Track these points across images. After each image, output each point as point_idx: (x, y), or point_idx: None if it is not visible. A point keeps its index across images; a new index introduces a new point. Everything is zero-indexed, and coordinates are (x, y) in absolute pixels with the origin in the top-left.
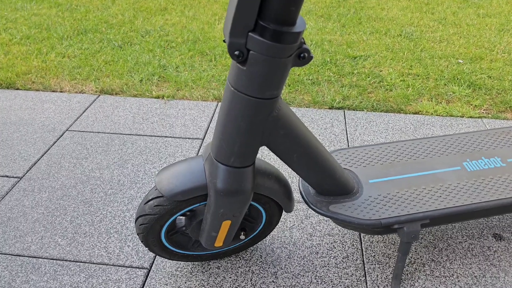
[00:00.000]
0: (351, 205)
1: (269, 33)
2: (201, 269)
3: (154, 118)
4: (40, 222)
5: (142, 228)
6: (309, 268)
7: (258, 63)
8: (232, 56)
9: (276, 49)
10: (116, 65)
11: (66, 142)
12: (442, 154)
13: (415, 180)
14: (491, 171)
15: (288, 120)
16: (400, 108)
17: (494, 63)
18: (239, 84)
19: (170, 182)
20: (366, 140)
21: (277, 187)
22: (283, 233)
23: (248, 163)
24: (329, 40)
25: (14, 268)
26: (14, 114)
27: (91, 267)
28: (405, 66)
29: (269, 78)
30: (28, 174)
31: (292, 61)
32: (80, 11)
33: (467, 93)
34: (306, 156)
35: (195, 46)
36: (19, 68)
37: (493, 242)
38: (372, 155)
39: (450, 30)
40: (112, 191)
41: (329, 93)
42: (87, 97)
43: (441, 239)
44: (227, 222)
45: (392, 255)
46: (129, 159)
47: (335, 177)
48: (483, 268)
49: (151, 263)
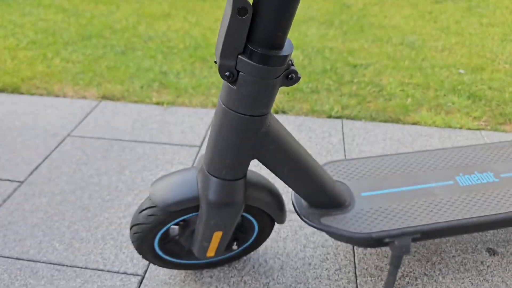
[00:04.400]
0: (343, 218)
1: (257, 56)
2: (194, 278)
3: (153, 125)
4: (39, 226)
5: (136, 236)
6: (302, 280)
7: (247, 83)
8: (223, 76)
9: (264, 71)
10: (118, 71)
11: (67, 147)
12: (436, 168)
13: (408, 194)
14: (483, 186)
15: (278, 135)
16: (399, 118)
17: (496, 73)
18: (230, 102)
19: (163, 193)
20: (363, 151)
21: (269, 199)
22: (276, 243)
23: (239, 175)
24: (330, 48)
25: (13, 272)
26: (18, 119)
27: (87, 272)
28: (405, 75)
29: (258, 98)
30: (29, 179)
31: (280, 82)
32: (86, 16)
33: (466, 104)
34: (296, 170)
35: (196, 52)
36: (24, 73)
37: (486, 256)
38: (365, 168)
39: (453, 39)
40: (110, 197)
41: (328, 102)
42: (89, 103)
43: (434, 253)
44: (219, 233)
45: (385, 268)
46: (127, 166)
47: (325, 190)
48: (475, 283)
49: (145, 270)
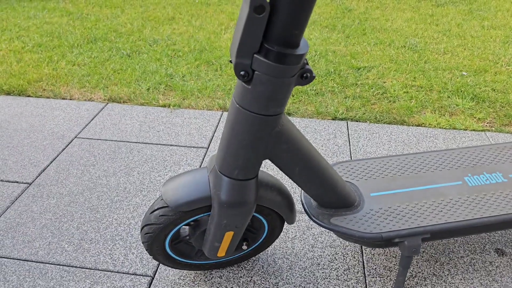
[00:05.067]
0: (352, 218)
1: (273, 55)
2: (203, 278)
3: (160, 127)
4: (48, 227)
5: (147, 237)
6: (310, 280)
7: (262, 83)
8: (238, 76)
9: (279, 70)
10: (124, 73)
11: (74, 149)
12: (444, 168)
13: (417, 194)
14: (492, 186)
15: (291, 135)
16: (403, 120)
17: (499, 75)
18: (244, 101)
19: (175, 193)
20: (368, 152)
21: (280, 199)
22: (285, 243)
23: (251, 175)
24: (333, 51)
25: (22, 273)
26: (25, 121)
27: (96, 273)
28: (408, 77)
29: (273, 97)
30: (37, 180)
31: (295, 81)
32: (91, 19)
33: (470, 105)
34: (308, 170)
35: (201, 56)
36: (30, 76)
37: (495, 257)
38: (373, 168)
39: (455, 42)
40: (118, 198)
41: (332, 104)
42: (96, 105)
43: (442, 253)
44: (230, 233)
45: (393, 268)
46: (135, 167)
47: (336, 190)
48: (484, 283)
49: (154, 271)
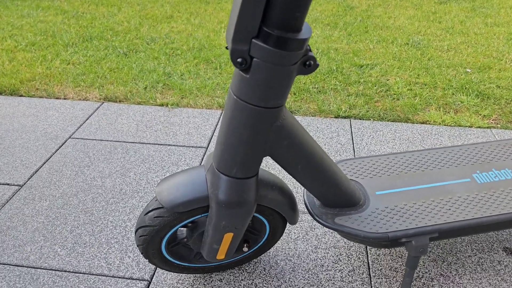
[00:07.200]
0: (358, 217)
1: (273, 39)
2: (202, 282)
3: (158, 126)
4: (40, 231)
5: (142, 239)
6: (314, 282)
7: (261, 70)
8: (235, 63)
9: (280, 57)
10: (120, 72)
11: (68, 150)
12: (451, 165)
13: (423, 192)
14: (502, 183)
15: (293, 130)
16: (407, 117)
17: (503, 72)
18: (242, 92)
19: (170, 193)
20: (372, 150)
21: (281, 198)
22: (287, 245)
23: (251, 173)
24: (335, 49)
25: (12, 279)
26: (17, 121)
27: (91, 278)
28: (412, 75)
29: (273, 87)
30: (29, 182)
31: (297, 69)
32: (86, 18)
33: (475, 102)
34: (311, 167)
35: (200, 54)
36: (23, 75)
37: (503, 256)
38: (379, 165)
39: (458, 39)
40: (114, 200)
41: (335, 101)
42: (91, 105)
43: (450, 253)
44: (229, 234)
45: (399, 269)
46: (131, 168)
47: (340, 189)
48: (493, 283)
49: (151, 275)
